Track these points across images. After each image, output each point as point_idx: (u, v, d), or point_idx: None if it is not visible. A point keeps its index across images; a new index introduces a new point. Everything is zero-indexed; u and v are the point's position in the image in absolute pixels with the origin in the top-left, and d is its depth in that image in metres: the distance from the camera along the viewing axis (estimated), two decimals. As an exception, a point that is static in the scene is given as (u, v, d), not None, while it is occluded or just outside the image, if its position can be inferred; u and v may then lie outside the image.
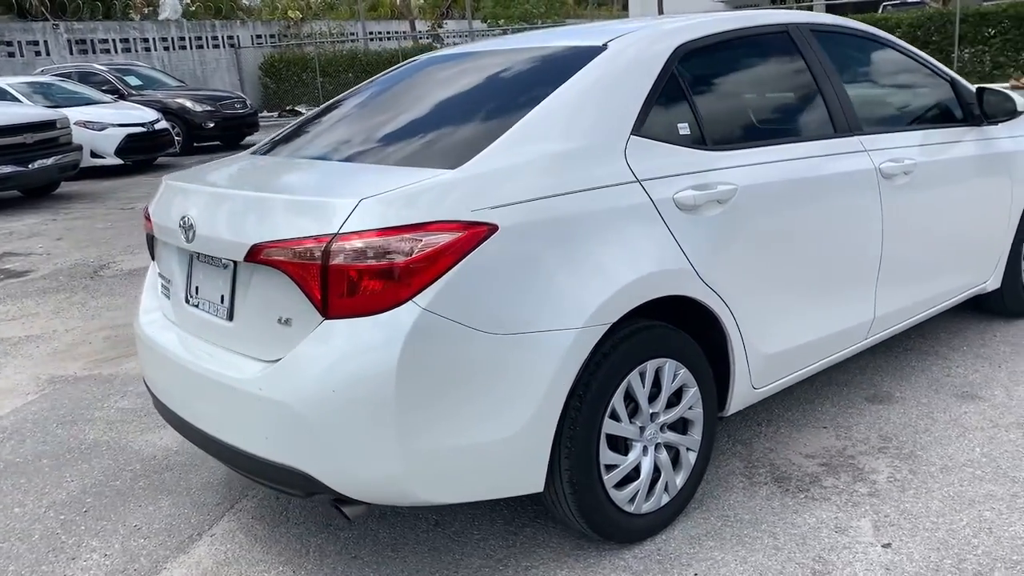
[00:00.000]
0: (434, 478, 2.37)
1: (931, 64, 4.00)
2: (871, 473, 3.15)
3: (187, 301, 2.87)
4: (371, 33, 28.59)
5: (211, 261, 2.72)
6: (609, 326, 2.52)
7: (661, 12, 25.23)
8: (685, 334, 2.80)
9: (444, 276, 2.28)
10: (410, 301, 2.27)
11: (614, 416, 2.63)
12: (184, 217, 2.71)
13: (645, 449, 2.75)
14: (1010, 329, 4.50)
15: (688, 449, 2.88)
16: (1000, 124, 4.09)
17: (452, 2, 36.53)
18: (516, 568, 2.72)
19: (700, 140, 2.91)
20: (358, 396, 2.27)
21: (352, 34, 29.44)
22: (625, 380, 2.62)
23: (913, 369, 4.07)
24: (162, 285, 3.08)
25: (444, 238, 2.29)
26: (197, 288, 2.83)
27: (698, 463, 2.92)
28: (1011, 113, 3.94)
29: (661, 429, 2.79)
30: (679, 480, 2.86)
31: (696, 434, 2.89)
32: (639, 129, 2.76)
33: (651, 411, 2.74)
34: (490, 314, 2.34)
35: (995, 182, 4.08)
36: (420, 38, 28.07)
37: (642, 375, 2.68)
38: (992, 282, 4.27)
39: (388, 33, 29.50)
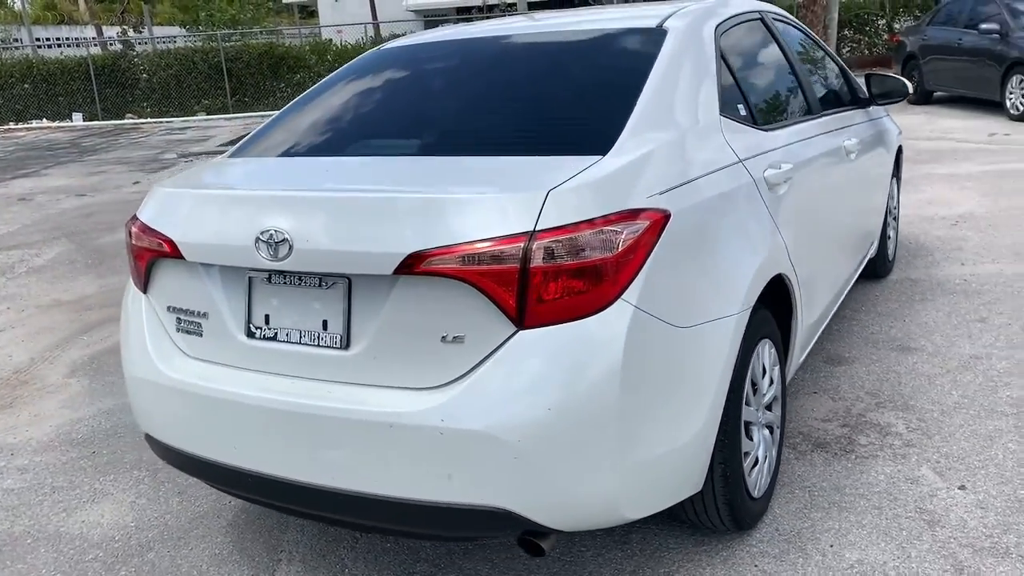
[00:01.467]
0: (639, 491, 2.17)
1: (828, 50, 4.39)
2: (890, 426, 3.38)
3: (250, 334, 2.36)
4: (42, 39, 25.44)
5: (301, 281, 2.27)
6: (751, 309, 2.47)
7: (375, 17, 25.13)
8: (768, 312, 2.82)
9: (643, 269, 2.10)
10: (620, 299, 2.06)
11: (747, 401, 2.58)
12: (268, 231, 2.22)
13: (759, 431, 2.73)
14: (886, 288, 5.06)
15: (776, 427, 2.90)
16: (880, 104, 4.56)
17: (126, 8, 33.65)
18: (660, 576, 2.57)
19: (752, 119, 2.94)
20: (578, 411, 2.01)
21: (16, 40, 26.02)
22: (750, 363, 2.58)
23: (840, 332, 4.43)
24: (180, 320, 2.51)
25: (640, 227, 2.10)
26: (268, 317, 2.34)
27: (780, 440, 2.95)
28: (903, 94, 4.41)
29: (765, 409, 2.79)
30: (774, 458, 2.88)
31: (778, 410, 2.92)
32: (722, 110, 2.73)
33: (763, 392, 2.73)
34: (677, 306, 2.19)
35: (881, 155, 4.56)
36: (111, 44, 25.41)
37: (758, 356, 2.65)
38: (873, 249, 4.76)
39: (67, 40, 26.42)
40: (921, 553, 2.58)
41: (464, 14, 29.68)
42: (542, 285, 2.00)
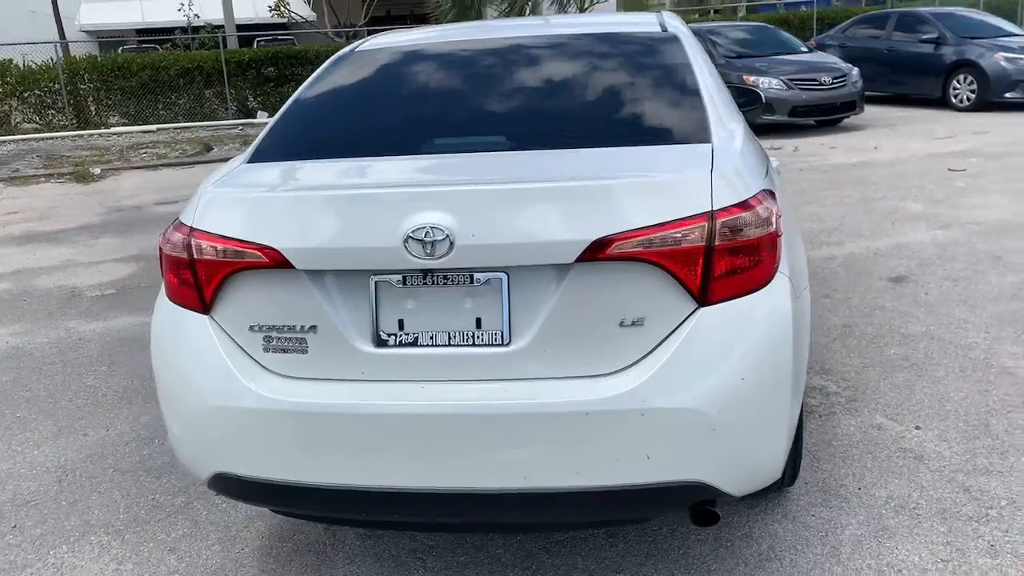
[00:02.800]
0: (788, 450, 2.34)
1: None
2: (825, 388, 3.85)
3: (381, 343, 2.20)
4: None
5: (447, 280, 2.17)
6: None
7: (62, 36, 22.64)
8: None
9: (779, 241, 2.28)
10: (779, 272, 2.23)
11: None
12: (423, 229, 2.10)
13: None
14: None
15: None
16: None
17: None
18: (772, 557, 2.76)
19: None
20: (764, 379, 2.15)
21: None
22: None
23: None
24: (272, 339, 2.26)
25: (775, 204, 2.28)
26: (402, 322, 2.20)
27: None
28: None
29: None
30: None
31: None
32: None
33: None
34: (797, 275, 2.39)
35: None
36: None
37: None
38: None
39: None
40: (930, 483, 3.01)
41: (145, 35, 27.72)
42: (722, 262, 2.11)
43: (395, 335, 2.21)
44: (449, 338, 2.19)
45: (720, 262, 2.11)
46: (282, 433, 2.23)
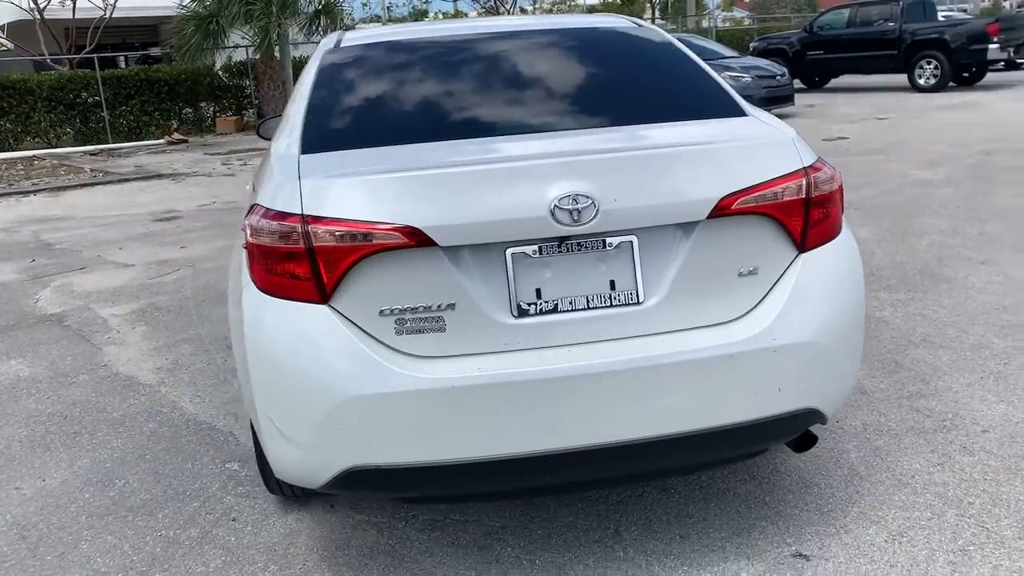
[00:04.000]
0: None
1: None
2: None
3: (522, 313, 2.26)
4: None
5: (581, 247, 2.27)
6: None
7: None
8: None
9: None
10: (844, 222, 2.56)
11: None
12: (569, 196, 2.19)
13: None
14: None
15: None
16: None
17: None
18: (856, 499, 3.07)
19: None
20: (855, 311, 2.48)
21: None
22: None
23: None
24: (404, 322, 2.24)
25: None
26: (539, 291, 2.27)
27: None
28: None
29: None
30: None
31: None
32: None
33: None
34: None
35: None
36: None
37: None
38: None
39: None
40: (887, 410, 3.52)
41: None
42: (816, 212, 2.41)
43: (534, 304, 2.27)
44: (587, 302, 2.29)
45: (815, 212, 2.41)
46: (433, 413, 2.20)
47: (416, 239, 2.19)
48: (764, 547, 2.65)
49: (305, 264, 2.23)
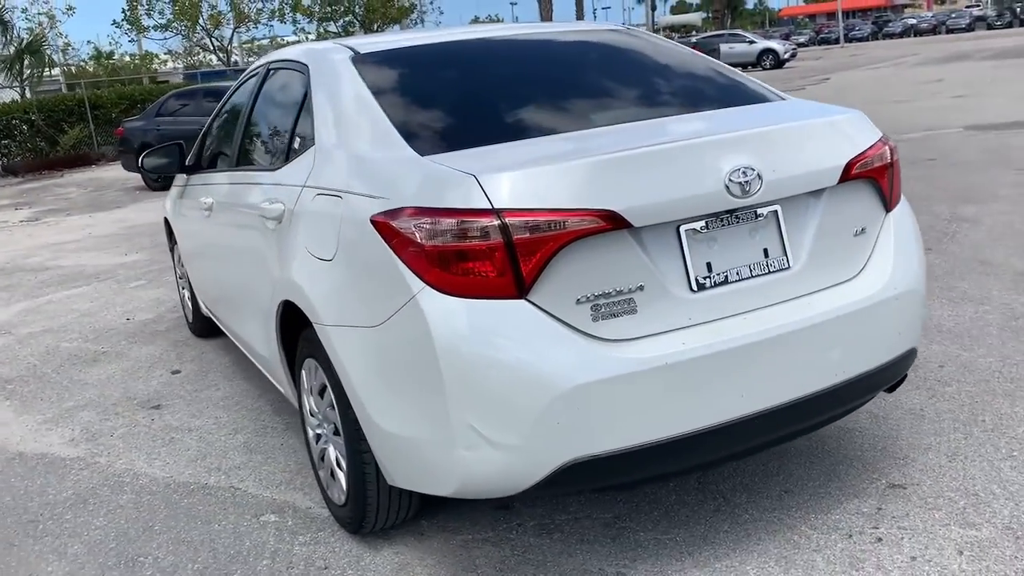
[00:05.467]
0: None
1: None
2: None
3: (698, 287, 2.33)
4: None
5: (738, 219, 2.40)
6: None
7: None
8: None
9: None
10: None
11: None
12: (739, 170, 2.31)
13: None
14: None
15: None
16: None
17: None
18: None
19: None
20: (924, 260, 2.80)
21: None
22: None
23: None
24: (600, 307, 2.22)
25: None
26: (709, 264, 2.36)
27: None
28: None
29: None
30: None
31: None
32: None
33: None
34: None
35: None
36: None
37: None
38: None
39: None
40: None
41: None
42: (896, 177, 2.72)
43: (708, 277, 2.36)
44: (750, 271, 2.41)
45: (896, 176, 2.72)
46: (647, 393, 2.21)
47: (613, 223, 2.19)
48: (861, 485, 2.91)
49: (503, 259, 2.15)
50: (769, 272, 2.44)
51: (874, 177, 2.62)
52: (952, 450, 3.08)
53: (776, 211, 2.46)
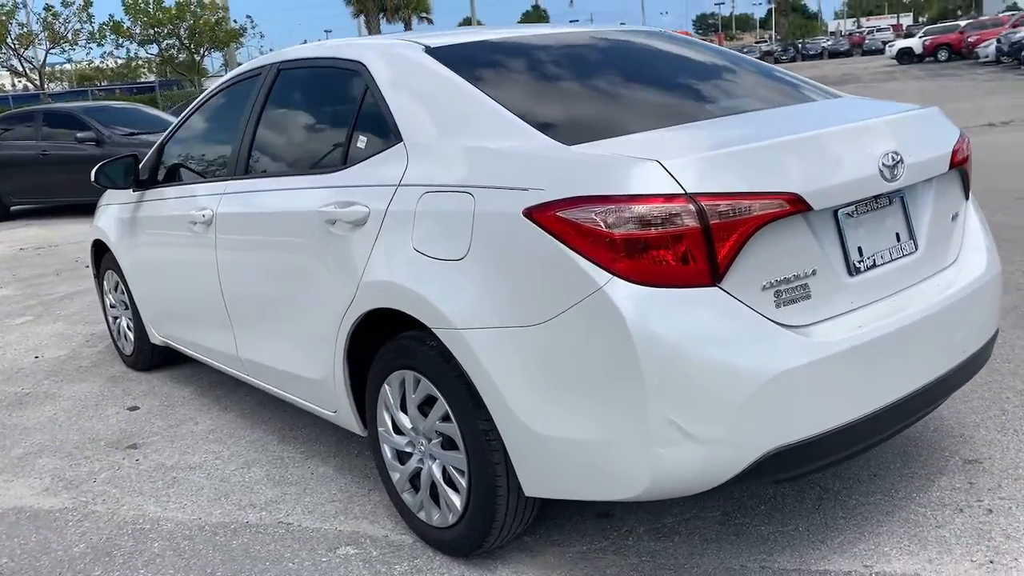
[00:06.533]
0: None
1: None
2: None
3: (855, 271, 2.36)
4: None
5: (877, 204, 2.45)
6: None
7: None
8: None
9: None
10: None
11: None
12: (889, 154, 2.37)
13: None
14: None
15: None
16: None
17: None
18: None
19: None
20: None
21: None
22: None
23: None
24: (781, 293, 2.20)
25: None
26: (860, 248, 2.40)
27: None
28: None
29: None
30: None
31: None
32: None
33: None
34: None
35: None
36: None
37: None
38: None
39: None
40: None
41: None
42: (970, 168, 2.88)
43: (862, 261, 2.38)
44: (890, 254, 2.47)
45: (970, 167, 2.88)
46: (835, 379, 2.21)
47: (796, 206, 2.18)
48: (939, 463, 3.03)
49: (698, 245, 2.08)
50: (904, 255, 2.51)
51: (963, 166, 2.76)
52: (1000, 425, 3.27)
53: (902, 196, 2.53)
